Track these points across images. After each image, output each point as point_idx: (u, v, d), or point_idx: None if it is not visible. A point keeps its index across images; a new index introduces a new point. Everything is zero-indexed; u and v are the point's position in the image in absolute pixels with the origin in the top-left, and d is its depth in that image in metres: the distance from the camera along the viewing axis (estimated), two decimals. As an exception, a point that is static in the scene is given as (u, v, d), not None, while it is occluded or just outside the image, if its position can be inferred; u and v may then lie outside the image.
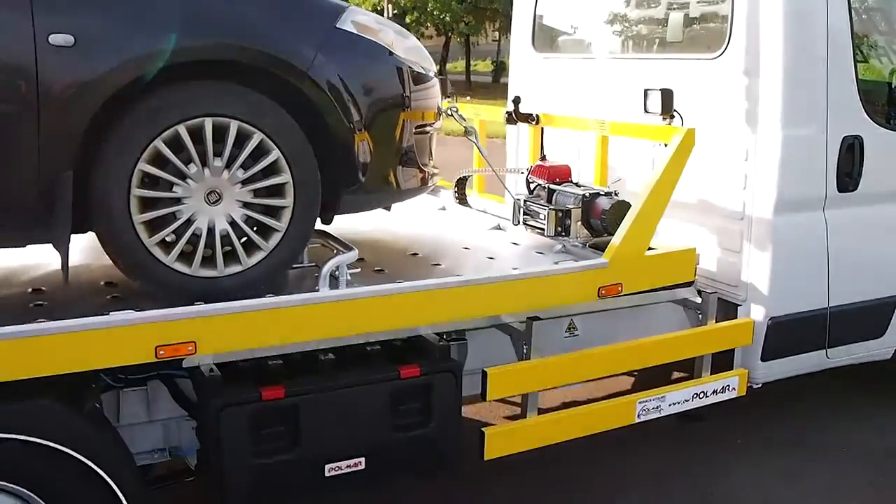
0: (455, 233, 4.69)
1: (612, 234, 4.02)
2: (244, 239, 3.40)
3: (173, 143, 3.22)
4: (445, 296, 3.55)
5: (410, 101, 3.76)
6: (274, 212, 3.42)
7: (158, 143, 3.20)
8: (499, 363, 4.05)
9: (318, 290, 3.49)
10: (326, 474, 3.57)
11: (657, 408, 4.43)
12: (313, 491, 3.62)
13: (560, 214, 4.23)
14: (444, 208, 5.35)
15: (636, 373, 5.65)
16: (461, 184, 5.42)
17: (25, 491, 3.11)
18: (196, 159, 3.25)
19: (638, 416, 4.38)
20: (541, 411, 4.24)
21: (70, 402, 3.20)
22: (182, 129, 3.22)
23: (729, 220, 4.71)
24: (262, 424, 3.44)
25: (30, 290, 3.55)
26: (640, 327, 4.54)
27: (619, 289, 3.92)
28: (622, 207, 4.10)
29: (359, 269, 3.65)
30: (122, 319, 3.05)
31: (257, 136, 3.31)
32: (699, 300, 4.60)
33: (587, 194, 4.28)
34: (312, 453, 3.55)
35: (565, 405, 5.43)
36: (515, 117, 5.15)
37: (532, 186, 4.70)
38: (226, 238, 3.36)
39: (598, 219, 4.20)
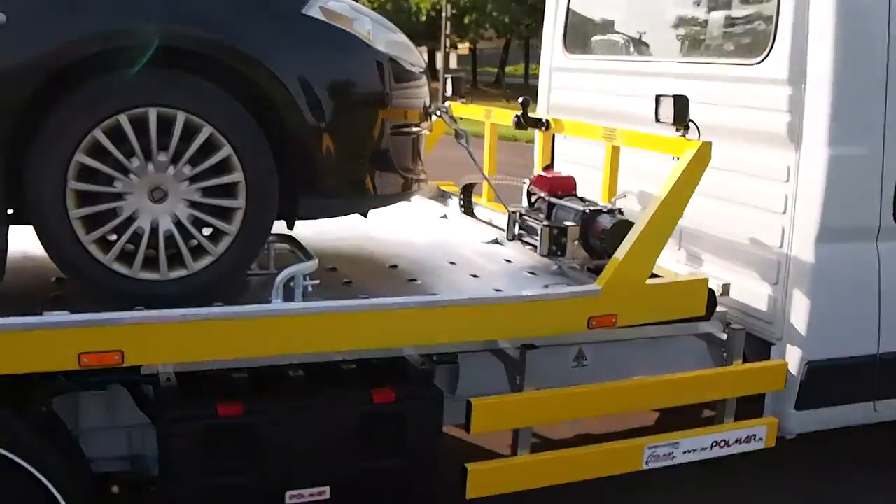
0: (447, 245, 4.34)
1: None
2: (192, 242, 3.10)
3: (115, 134, 2.95)
4: (401, 317, 3.21)
5: (389, 99, 3.42)
6: (224, 213, 3.13)
7: (98, 133, 2.94)
8: (495, 391, 3.71)
9: (269, 302, 3.16)
10: (287, 501, 3.29)
11: (669, 455, 4.00)
12: None
13: (556, 232, 3.85)
14: (445, 217, 5.00)
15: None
16: (467, 191, 5.09)
17: None
18: (139, 153, 2.98)
19: (646, 462, 3.96)
20: (546, 444, 3.82)
21: (10, 404, 3.01)
22: (124, 119, 2.95)
23: (765, 248, 4.23)
24: (217, 442, 3.17)
25: None
26: (658, 361, 4.15)
27: (613, 321, 3.53)
28: (624, 227, 3.71)
29: (318, 281, 3.32)
30: (40, 322, 2.79)
31: (206, 130, 3.03)
32: (724, 336, 4.17)
33: (587, 210, 3.90)
34: (272, 478, 3.27)
35: (579, 438, 5.07)
36: (524, 122, 4.79)
37: (533, 199, 4.33)
38: (170, 239, 3.08)
39: (598, 238, 3.81)
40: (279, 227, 3.48)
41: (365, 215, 3.75)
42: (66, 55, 2.87)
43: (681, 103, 3.69)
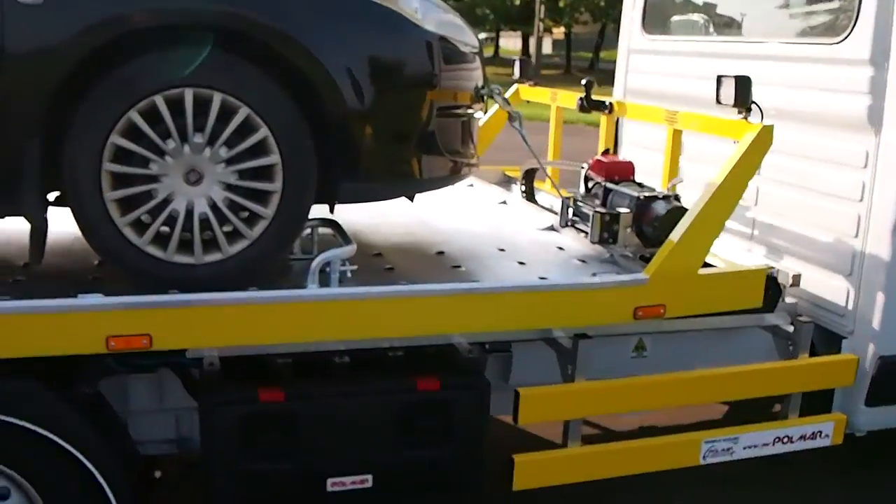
0: (500, 232, 4.23)
1: (667, 245, 3.47)
2: (228, 225, 3.07)
3: (150, 116, 2.93)
4: (431, 305, 3.11)
5: (437, 80, 3.33)
6: (260, 196, 3.09)
7: (133, 115, 2.92)
8: (550, 381, 3.62)
9: (305, 288, 3.12)
10: (328, 489, 3.25)
11: (728, 450, 3.86)
12: None
13: (607, 218, 3.71)
14: (504, 203, 4.89)
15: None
16: (528, 177, 4.97)
17: (10, 471, 2.99)
18: (175, 134, 2.95)
19: (703, 457, 3.82)
20: (606, 435, 3.68)
21: (53, 384, 3.01)
22: (160, 100, 2.92)
23: (839, 236, 4.04)
24: (258, 428, 3.14)
25: (23, 263, 3.34)
26: (722, 354, 4.00)
27: (662, 311, 3.38)
28: (679, 214, 3.56)
29: (355, 267, 3.26)
30: (67, 305, 2.79)
31: (243, 111, 2.98)
32: (791, 328, 3.98)
33: (641, 196, 3.74)
34: (313, 465, 3.23)
35: (642, 430, 4.94)
36: (587, 105, 4.64)
37: (590, 184, 4.19)
38: (205, 222, 3.05)
39: (651, 226, 3.66)
40: (325, 210, 3.44)
41: (411, 199, 3.68)
42: (100, 35, 2.85)
43: (742, 84, 3.51)
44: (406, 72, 3.28)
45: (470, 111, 3.68)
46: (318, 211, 3.38)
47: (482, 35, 65.24)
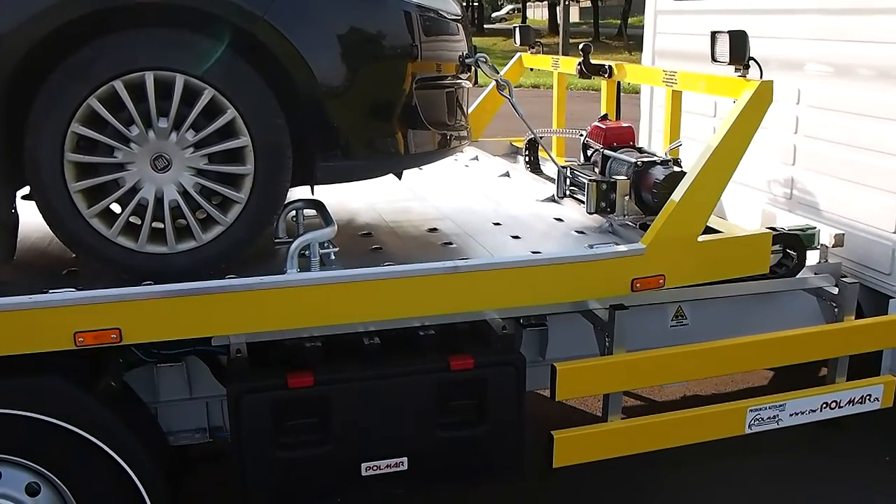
0: (498, 205, 4.08)
1: (667, 212, 3.30)
2: (201, 212, 2.97)
3: (112, 102, 2.81)
4: (414, 285, 2.97)
5: (417, 51, 3.19)
6: (233, 180, 2.97)
7: (93, 102, 2.80)
8: (587, 354, 3.52)
9: (284, 272, 3.00)
10: (363, 474, 3.17)
11: (774, 417, 3.74)
12: (349, 491, 3.22)
13: (604, 187, 3.55)
14: (507, 174, 4.74)
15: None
16: (532, 146, 4.81)
17: (40, 468, 2.98)
18: (138, 120, 2.83)
19: (749, 426, 3.70)
20: (650, 406, 3.53)
21: (78, 379, 2.98)
22: (119, 85, 2.80)
23: (882, 193, 3.89)
24: (289, 414, 3.08)
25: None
26: (766, 319, 3.88)
27: (661, 281, 3.22)
28: (678, 179, 3.38)
29: (337, 248, 3.14)
30: (31, 302, 2.69)
31: (208, 93, 2.86)
32: (835, 290, 3.83)
33: (640, 163, 3.57)
34: (346, 450, 3.16)
35: (685, 399, 4.83)
36: (586, 69, 4.46)
37: (589, 152, 4.02)
38: (177, 210, 2.94)
39: (650, 192, 3.49)
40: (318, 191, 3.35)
41: (399, 176, 3.55)
42: (53, 19, 2.72)
43: (737, 39, 3.32)
44: (381, 43, 3.13)
45: (456, 81, 3.53)
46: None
47: (508, 6, 64.76)
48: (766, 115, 3.45)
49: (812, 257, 3.96)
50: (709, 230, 3.46)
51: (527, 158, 4.83)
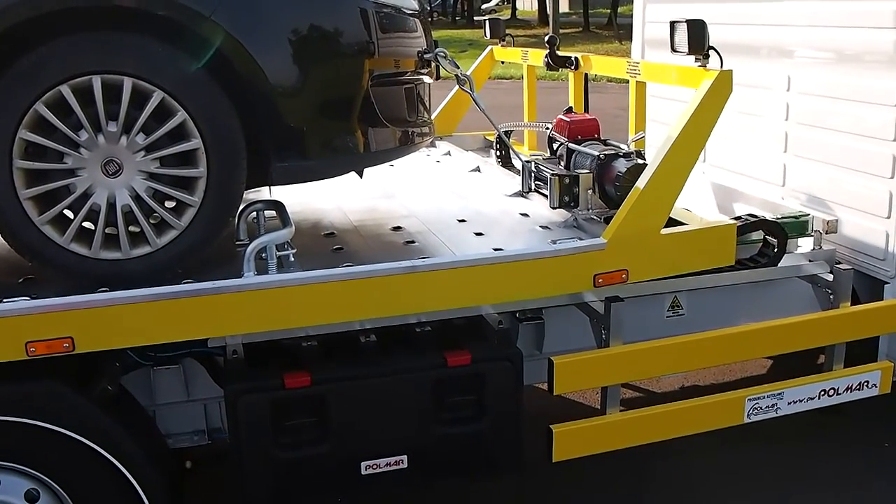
0: (465, 201, 4.05)
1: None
2: (155, 216, 2.94)
3: (60, 107, 2.78)
4: (374, 286, 2.94)
5: (372, 48, 3.15)
6: (186, 183, 2.94)
7: (40, 107, 2.76)
8: (584, 347, 3.54)
9: (242, 276, 2.97)
10: (363, 472, 3.19)
11: (773, 406, 3.76)
12: (348, 490, 3.23)
13: (567, 181, 3.52)
14: (478, 169, 4.70)
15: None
16: (503, 141, 4.77)
17: (39, 474, 2.98)
18: (87, 125, 2.80)
19: (748, 415, 3.73)
20: (649, 398, 3.61)
21: (75, 384, 2.98)
22: (67, 90, 2.77)
23: (875, 178, 3.88)
24: (286, 414, 3.10)
25: None
26: (762, 307, 3.90)
27: (624, 276, 3.20)
28: (641, 171, 3.34)
29: (295, 250, 3.11)
30: (-24, 313, 2.65)
31: (157, 95, 2.82)
32: (830, 277, 3.84)
33: (602, 155, 3.54)
34: (345, 449, 3.17)
35: (684, 390, 4.85)
36: (552, 62, 4.43)
37: (555, 146, 3.99)
38: (130, 215, 2.91)
39: (612, 185, 3.46)
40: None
41: (360, 175, 3.52)
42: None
43: (695, 28, 3.28)
44: (335, 41, 3.10)
45: (416, 77, 3.50)
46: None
47: (498, -3, 64.52)
48: (758, 103, 3.47)
49: (806, 244, 3.99)
50: (674, 223, 3.43)
51: (498, 153, 4.80)
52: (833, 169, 4.10)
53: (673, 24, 3.35)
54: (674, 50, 3.37)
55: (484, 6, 62.96)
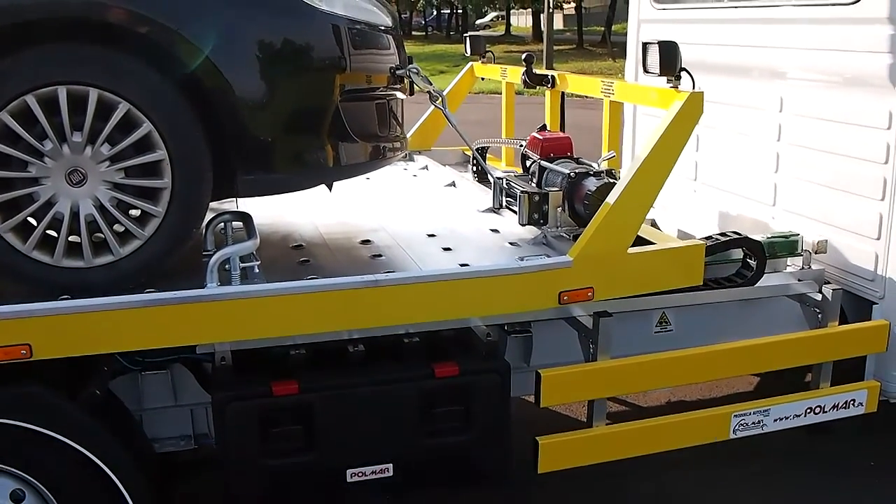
0: (437, 216, 4.05)
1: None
2: (119, 225, 2.93)
3: (24, 116, 2.77)
4: (335, 299, 2.93)
5: (343, 63, 3.16)
6: (150, 194, 2.93)
7: (4, 116, 2.76)
8: (572, 361, 3.56)
9: (205, 286, 2.96)
10: (348, 480, 3.20)
11: (759, 423, 3.78)
12: (334, 498, 3.26)
13: (537, 199, 3.52)
14: (453, 184, 4.70)
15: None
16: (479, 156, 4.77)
17: (25, 475, 3.00)
18: (52, 135, 2.79)
19: (734, 431, 3.74)
20: (635, 412, 3.69)
21: (61, 387, 3.01)
22: (32, 100, 2.76)
23: (865, 200, 3.90)
24: (274, 422, 3.10)
25: None
26: (750, 324, 3.91)
27: (590, 294, 3.20)
28: (610, 190, 3.35)
29: (259, 262, 3.10)
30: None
31: (123, 107, 2.82)
32: (819, 296, 3.87)
33: (573, 174, 3.55)
34: (332, 457, 3.18)
35: (670, 405, 4.88)
36: (529, 80, 4.44)
37: (528, 163, 4.00)
38: (94, 224, 2.90)
39: (582, 204, 3.46)
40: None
41: (329, 188, 3.51)
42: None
43: (667, 50, 3.30)
44: (304, 56, 3.09)
45: (387, 93, 3.50)
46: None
47: (492, 14, 64.86)
48: (750, 123, 3.48)
49: (796, 264, 4.01)
50: (643, 242, 3.44)
51: (474, 168, 4.80)
52: (824, 190, 4.12)
53: (645, 46, 3.37)
54: (646, 71, 3.38)
55: (478, 22, 63.27)
